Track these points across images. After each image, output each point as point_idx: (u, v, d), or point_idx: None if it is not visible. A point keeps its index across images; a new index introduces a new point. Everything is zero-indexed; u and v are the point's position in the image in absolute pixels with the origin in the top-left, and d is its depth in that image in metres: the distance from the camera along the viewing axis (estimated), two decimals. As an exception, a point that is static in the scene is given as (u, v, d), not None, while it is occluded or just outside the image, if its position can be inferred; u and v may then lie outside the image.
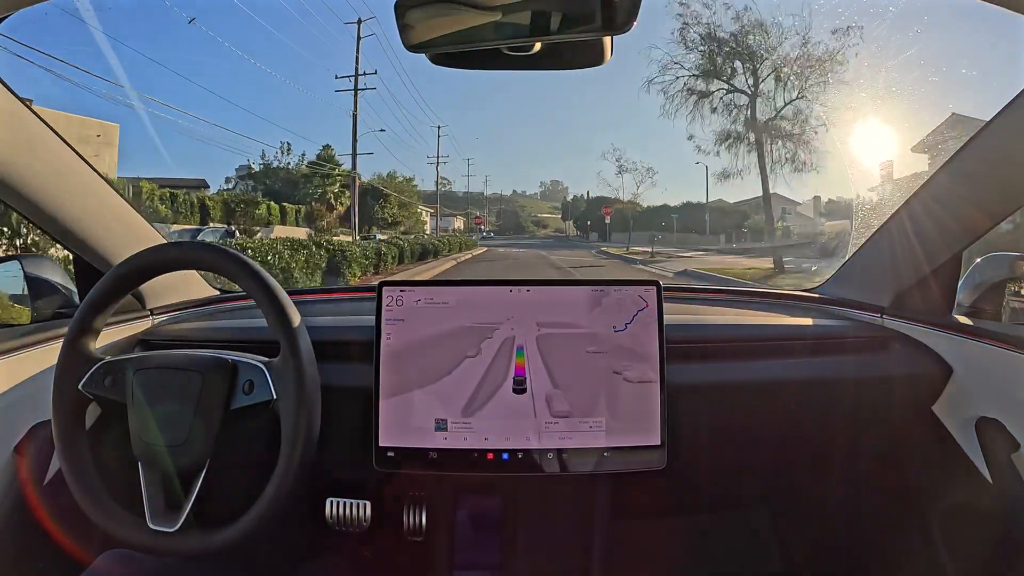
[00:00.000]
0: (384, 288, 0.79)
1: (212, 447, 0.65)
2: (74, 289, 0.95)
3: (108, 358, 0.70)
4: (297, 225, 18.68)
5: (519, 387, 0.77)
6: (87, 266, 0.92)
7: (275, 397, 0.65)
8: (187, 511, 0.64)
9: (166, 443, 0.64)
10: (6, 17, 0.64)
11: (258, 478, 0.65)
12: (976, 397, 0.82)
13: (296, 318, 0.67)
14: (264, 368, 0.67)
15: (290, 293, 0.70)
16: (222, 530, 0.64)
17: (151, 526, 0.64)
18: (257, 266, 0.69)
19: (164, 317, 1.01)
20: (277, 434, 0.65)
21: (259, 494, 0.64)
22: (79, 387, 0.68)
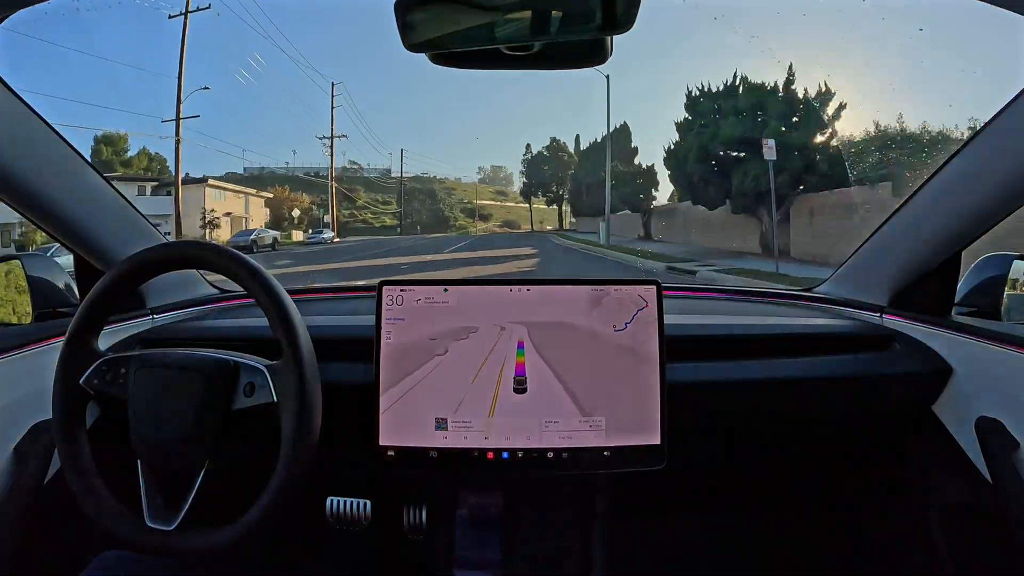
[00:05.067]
0: (384, 287, 0.79)
1: (212, 447, 0.65)
2: (75, 288, 0.95)
3: (110, 354, 0.70)
4: None
5: (519, 387, 0.77)
6: (88, 265, 0.92)
7: (276, 401, 0.65)
8: (185, 510, 0.64)
9: (166, 441, 0.64)
10: (6, 17, 0.64)
11: (257, 480, 0.65)
12: (976, 396, 0.82)
13: (297, 318, 0.67)
14: (265, 371, 0.67)
15: (290, 292, 0.70)
16: (220, 531, 0.64)
17: (149, 524, 0.64)
18: (258, 265, 0.69)
19: (165, 316, 1.01)
20: (277, 437, 0.65)
21: (258, 496, 0.64)
22: (80, 382, 0.68)
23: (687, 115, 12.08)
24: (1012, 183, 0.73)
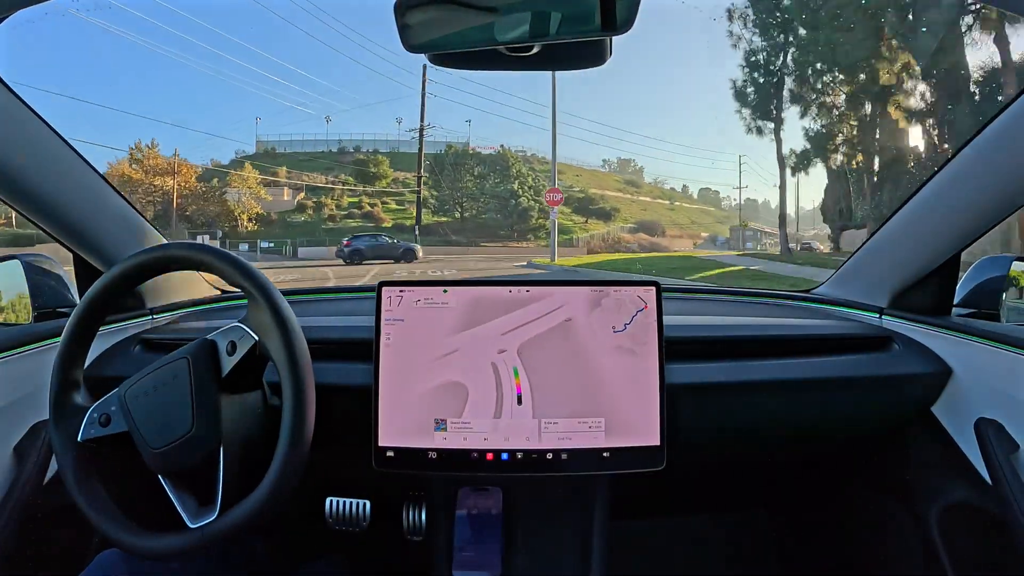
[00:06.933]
0: (384, 288, 0.79)
1: (220, 423, 0.65)
2: (75, 287, 0.95)
3: (94, 404, 0.69)
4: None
5: (518, 388, 0.77)
6: (87, 265, 0.92)
7: (257, 338, 0.66)
8: (220, 494, 0.63)
9: (176, 439, 0.64)
10: (6, 17, 0.64)
11: (275, 439, 0.64)
12: (975, 398, 0.82)
13: (266, 278, 0.67)
14: (239, 323, 0.67)
15: (289, 292, 0.70)
16: (259, 488, 0.63)
17: (193, 526, 0.63)
18: (251, 264, 0.69)
19: (164, 316, 1.02)
20: (278, 392, 0.65)
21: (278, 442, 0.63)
22: (79, 440, 0.67)
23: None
24: (1012, 183, 0.73)
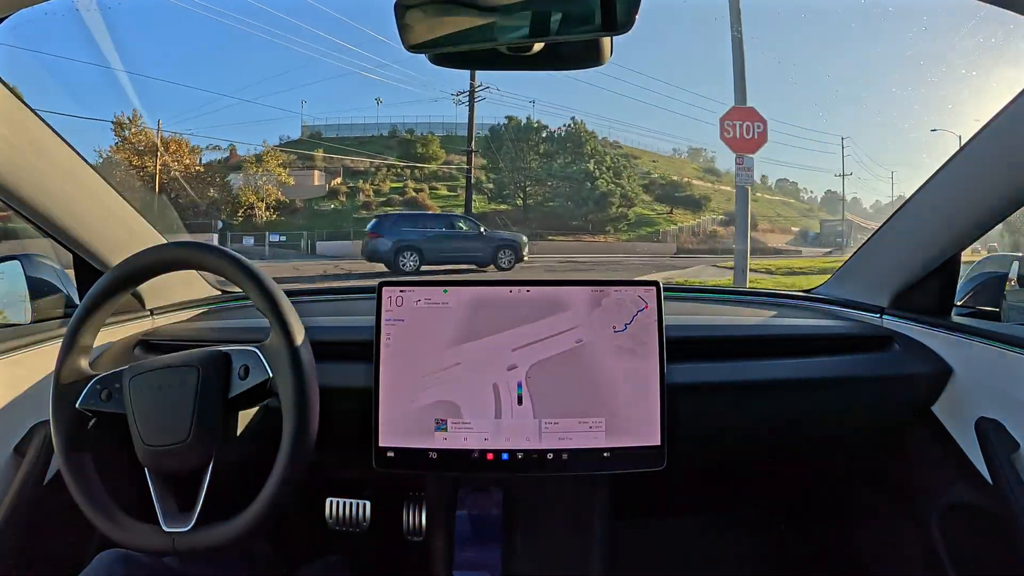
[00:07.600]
0: (384, 288, 0.79)
1: (216, 441, 0.65)
2: (75, 288, 0.95)
3: (101, 373, 0.69)
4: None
5: (519, 387, 0.77)
6: (87, 266, 0.92)
7: (271, 375, 0.65)
8: (199, 508, 0.64)
9: (170, 443, 0.64)
10: (6, 17, 0.64)
11: (265, 464, 0.64)
12: (976, 397, 0.82)
13: (287, 302, 0.67)
14: (257, 351, 0.67)
15: (289, 293, 0.70)
16: (236, 518, 0.63)
17: (166, 529, 0.63)
18: (250, 262, 0.69)
19: (164, 317, 1.01)
20: (279, 419, 0.65)
21: (269, 474, 0.63)
22: (77, 406, 0.67)
23: None
24: (1012, 183, 0.73)
